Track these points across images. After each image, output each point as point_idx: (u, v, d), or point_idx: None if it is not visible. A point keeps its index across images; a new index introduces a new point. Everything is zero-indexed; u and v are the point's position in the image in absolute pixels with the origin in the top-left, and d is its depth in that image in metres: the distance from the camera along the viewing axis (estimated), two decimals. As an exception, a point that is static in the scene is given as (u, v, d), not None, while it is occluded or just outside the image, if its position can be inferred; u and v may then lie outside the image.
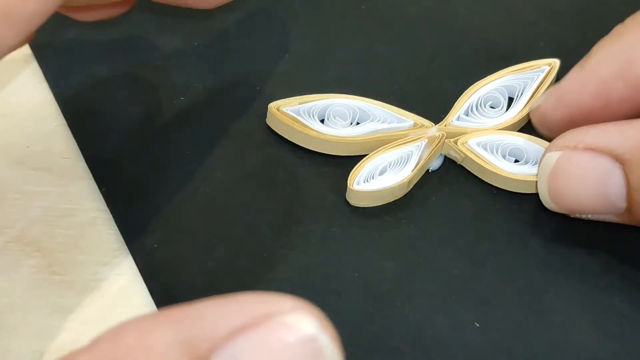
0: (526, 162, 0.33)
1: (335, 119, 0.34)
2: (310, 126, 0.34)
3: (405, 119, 0.35)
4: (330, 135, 0.34)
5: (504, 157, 0.34)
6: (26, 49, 0.38)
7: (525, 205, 0.33)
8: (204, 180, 0.34)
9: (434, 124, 0.34)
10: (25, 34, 0.24)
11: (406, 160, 0.33)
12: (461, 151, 0.33)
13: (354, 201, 0.33)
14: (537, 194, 0.32)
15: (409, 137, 0.34)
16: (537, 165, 0.33)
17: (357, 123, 0.34)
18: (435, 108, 0.35)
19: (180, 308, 0.19)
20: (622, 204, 0.29)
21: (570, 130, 0.30)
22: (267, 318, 0.19)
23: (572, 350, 0.29)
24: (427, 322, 0.30)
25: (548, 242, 0.32)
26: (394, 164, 0.33)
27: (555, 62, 0.36)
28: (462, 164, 0.34)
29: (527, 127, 0.35)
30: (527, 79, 0.36)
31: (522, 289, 0.31)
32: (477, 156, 0.33)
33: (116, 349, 0.19)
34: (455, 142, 0.34)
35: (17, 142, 0.35)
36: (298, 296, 0.20)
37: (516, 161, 0.34)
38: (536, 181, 0.32)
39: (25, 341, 0.30)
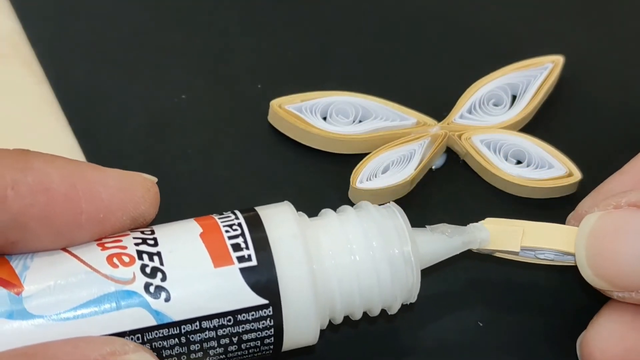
0: (528, 165, 0.33)
1: (337, 116, 0.34)
2: (313, 124, 0.34)
3: (408, 116, 0.34)
4: (333, 133, 0.34)
5: (505, 158, 0.33)
6: (26, 49, 0.37)
7: (528, 205, 0.33)
8: (205, 180, 0.33)
9: (437, 122, 0.34)
10: None
11: (409, 158, 0.33)
12: (464, 146, 0.33)
13: (356, 199, 0.32)
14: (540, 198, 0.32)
15: (412, 135, 0.34)
16: (539, 169, 0.33)
17: (360, 121, 0.34)
18: (438, 106, 0.35)
19: (32, 346, 0.22)
20: None
21: (612, 195, 0.27)
22: (113, 355, 0.22)
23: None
24: (430, 322, 0.30)
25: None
26: (397, 162, 0.33)
27: (559, 59, 0.36)
28: (464, 159, 0.34)
29: (530, 125, 0.35)
30: (531, 77, 0.36)
31: (527, 288, 0.31)
32: (479, 154, 0.33)
33: None
34: (459, 137, 0.33)
35: (16, 143, 0.35)
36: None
37: (518, 162, 0.33)
38: (536, 187, 0.32)
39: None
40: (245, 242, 0.25)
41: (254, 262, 0.25)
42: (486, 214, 0.33)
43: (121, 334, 0.23)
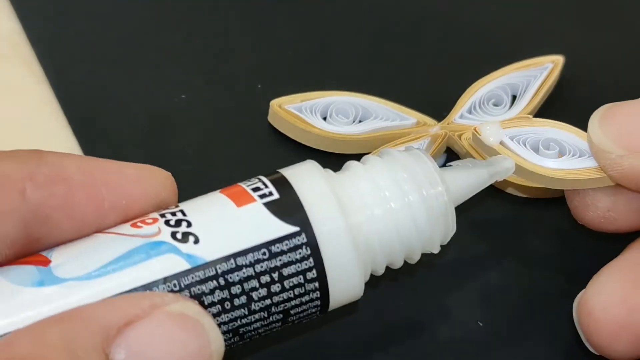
0: None
1: (337, 116, 0.34)
2: (313, 124, 0.34)
3: (407, 116, 0.34)
4: (333, 133, 0.34)
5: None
6: (26, 49, 0.37)
7: (527, 204, 0.33)
8: (206, 180, 0.33)
9: (437, 122, 0.34)
10: None
11: (409, 158, 0.33)
12: (463, 146, 0.33)
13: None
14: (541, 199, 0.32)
15: (412, 135, 0.34)
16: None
17: (360, 121, 0.34)
18: (438, 106, 0.35)
19: (67, 311, 0.21)
20: None
21: None
22: (154, 308, 0.21)
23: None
24: (430, 321, 0.30)
25: (550, 240, 0.32)
26: (397, 162, 0.33)
27: (559, 60, 0.36)
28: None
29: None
30: (531, 77, 0.35)
31: (524, 287, 0.31)
32: (479, 154, 0.33)
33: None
34: (459, 137, 0.33)
35: (16, 143, 0.35)
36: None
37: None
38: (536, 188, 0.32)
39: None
40: (265, 184, 0.25)
41: (276, 196, 0.25)
42: (486, 214, 0.33)
43: (155, 283, 0.23)
